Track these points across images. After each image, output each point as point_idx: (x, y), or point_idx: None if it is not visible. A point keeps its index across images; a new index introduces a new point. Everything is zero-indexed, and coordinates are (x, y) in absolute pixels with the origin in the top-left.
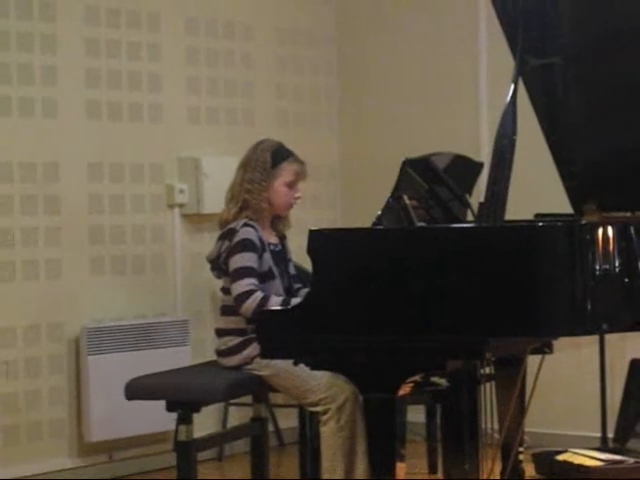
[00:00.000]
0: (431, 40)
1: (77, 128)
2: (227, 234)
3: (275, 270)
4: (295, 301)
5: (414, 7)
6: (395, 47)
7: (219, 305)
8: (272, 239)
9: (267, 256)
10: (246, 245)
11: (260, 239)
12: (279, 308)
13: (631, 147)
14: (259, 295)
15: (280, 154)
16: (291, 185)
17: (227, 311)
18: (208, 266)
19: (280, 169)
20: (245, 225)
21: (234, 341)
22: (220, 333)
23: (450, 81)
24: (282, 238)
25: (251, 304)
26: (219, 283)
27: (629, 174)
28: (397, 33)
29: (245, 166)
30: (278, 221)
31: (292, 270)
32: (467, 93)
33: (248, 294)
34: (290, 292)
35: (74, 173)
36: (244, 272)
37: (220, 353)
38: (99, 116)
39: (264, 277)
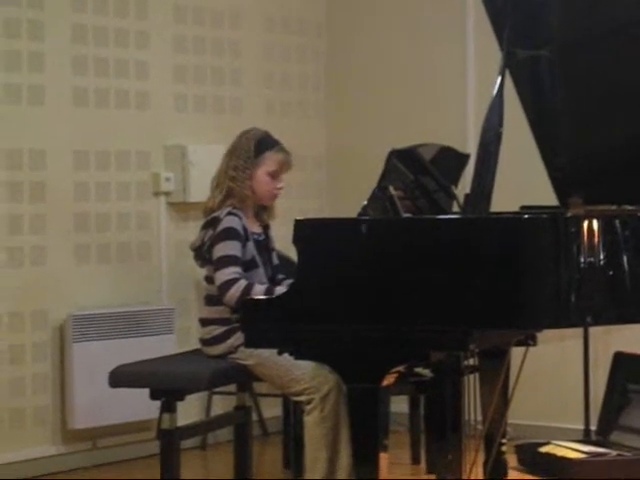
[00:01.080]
0: (419, 31)
1: (64, 115)
2: (211, 222)
3: (258, 259)
4: (279, 290)
5: None
6: (384, 37)
7: (203, 294)
8: (255, 228)
9: (250, 245)
10: (230, 233)
11: (244, 228)
12: (264, 297)
13: (617, 141)
14: (243, 283)
15: (264, 143)
16: (274, 175)
17: (211, 301)
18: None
19: (263, 158)
20: (229, 214)
21: (218, 330)
22: (204, 322)
23: (438, 72)
24: (265, 228)
25: (235, 292)
26: (204, 272)
27: (615, 167)
28: (386, 23)
29: (230, 154)
30: (262, 211)
31: (275, 260)
32: (454, 84)
33: (232, 282)
34: (273, 282)
35: (60, 160)
36: (228, 260)
37: (204, 342)
38: (86, 103)
39: (247, 266)
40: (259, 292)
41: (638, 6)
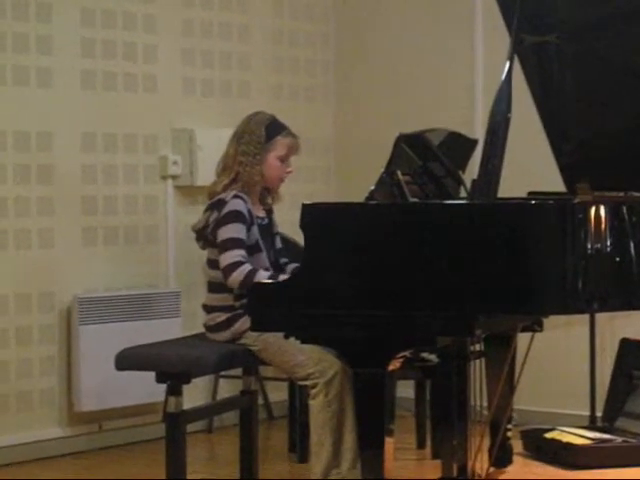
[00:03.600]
0: (428, 16)
1: (71, 98)
2: (216, 204)
3: (262, 243)
4: (283, 277)
5: None
6: (392, 22)
7: (206, 280)
8: (259, 212)
9: (255, 229)
10: (235, 216)
11: (249, 211)
12: (271, 281)
13: (625, 127)
14: (247, 267)
15: (274, 128)
16: (283, 159)
17: (214, 287)
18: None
19: (274, 143)
20: (235, 196)
21: (222, 317)
22: (208, 309)
23: (446, 57)
24: (269, 212)
25: (238, 276)
26: (206, 255)
27: (623, 153)
28: (395, 8)
29: (239, 139)
30: (267, 195)
31: (278, 244)
32: (463, 70)
33: (236, 265)
34: (276, 266)
35: (68, 143)
36: (233, 243)
37: (209, 329)
38: (94, 86)
39: (251, 250)
40: (263, 278)
41: None
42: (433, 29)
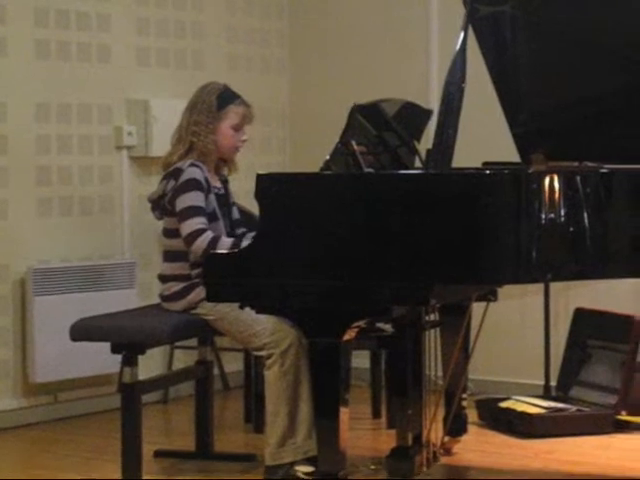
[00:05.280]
0: None
1: (25, 68)
2: (172, 174)
3: (218, 212)
4: (245, 244)
5: None
6: None
7: (162, 250)
8: (216, 183)
9: (212, 197)
10: (193, 185)
11: (206, 179)
12: (225, 252)
13: (579, 97)
14: (210, 235)
15: (226, 97)
16: (237, 128)
17: (170, 257)
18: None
19: (226, 112)
20: (192, 165)
21: (178, 286)
22: (164, 279)
23: (401, 28)
24: (225, 182)
25: (201, 243)
26: (162, 225)
27: (577, 123)
28: None
29: (191, 109)
30: (222, 165)
31: (236, 215)
32: (418, 40)
33: (199, 232)
34: (233, 237)
35: (22, 113)
36: (194, 211)
37: (164, 298)
38: (47, 56)
39: (209, 218)
40: (226, 244)
41: None
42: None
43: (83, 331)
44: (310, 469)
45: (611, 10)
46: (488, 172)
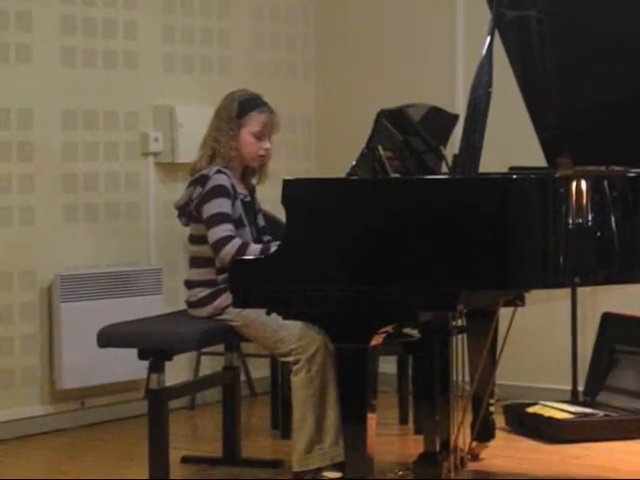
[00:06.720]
0: None
1: (52, 75)
2: (199, 180)
3: (245, 219)
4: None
5: None
6: None
7: (188, 256)
8: (242, 190)
9: (238, 204)
10: (220, 191)
11: (232, 186)
12: (252, 257)
13: (606, 101)
14: (238, 241)
15: (248, 104)
16: (259, 136)
17: (196, 262)
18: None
19: (247, 119)
20: (218, 172)
21: (204, 292)
22: (190, 285)
23: (427, 32)
24: (251, 190)
25: (230, 250)
26: (188, 231)
27: (604, 128)
28: None
29: (215, 115)
30: (250, 173)
31: (261, 222)
32: (444, 45)
33: (227, 240)
34: (259, 243)
35: (48, 120)
36: (221, 218)
37: (190, 304)
38: (74, 63)
39: (235, 225)
40: (254, 250)
41: None
42: (414, 4)
43: (110, 337)
44: (337, 475)
45: (639, 15)
46: (515, 177)
